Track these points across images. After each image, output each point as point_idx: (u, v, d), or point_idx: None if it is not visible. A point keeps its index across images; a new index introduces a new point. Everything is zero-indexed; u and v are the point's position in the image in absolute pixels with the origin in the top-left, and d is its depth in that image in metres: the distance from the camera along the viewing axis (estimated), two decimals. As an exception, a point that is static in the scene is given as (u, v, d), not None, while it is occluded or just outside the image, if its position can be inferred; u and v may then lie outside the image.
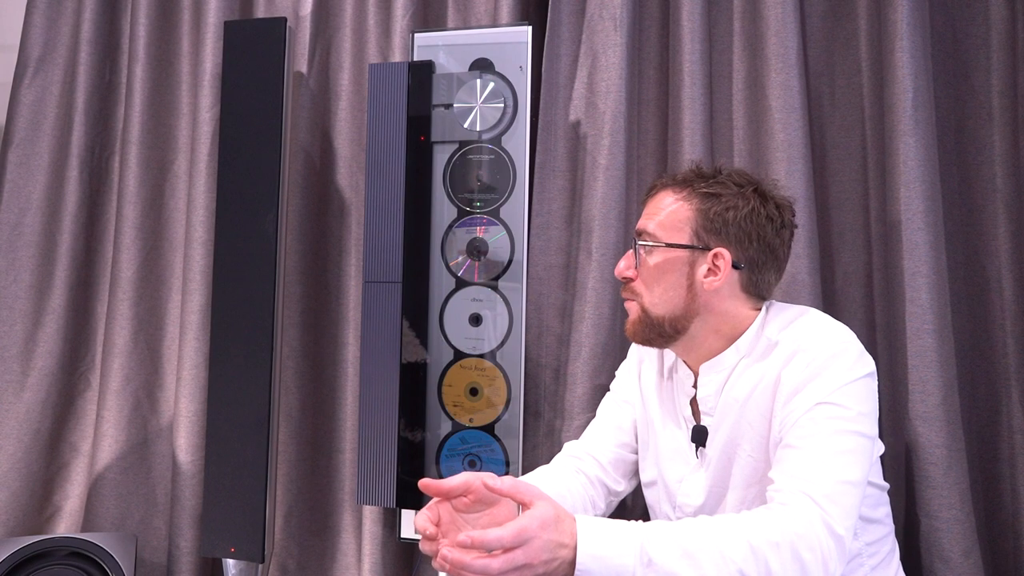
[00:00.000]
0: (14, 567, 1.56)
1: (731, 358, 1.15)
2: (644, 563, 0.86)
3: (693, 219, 1.15)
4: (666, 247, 1.15)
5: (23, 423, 1.93)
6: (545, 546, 0.85)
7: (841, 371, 1.05)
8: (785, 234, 1.18)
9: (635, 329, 1.19)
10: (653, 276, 1.16)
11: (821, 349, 1.06)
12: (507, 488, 0.90)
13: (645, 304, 1.16)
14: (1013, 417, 1.51)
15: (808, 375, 1.05)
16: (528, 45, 1.63)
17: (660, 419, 1.25)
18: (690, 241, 1.15)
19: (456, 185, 1.67)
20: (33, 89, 2.02)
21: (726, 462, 1.14)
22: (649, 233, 1.17)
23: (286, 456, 1.88)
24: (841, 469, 0.98)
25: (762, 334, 1.14)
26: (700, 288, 1.14)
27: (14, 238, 1.98)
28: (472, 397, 1.63)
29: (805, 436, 1.01)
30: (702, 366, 1.18)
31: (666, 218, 1.16)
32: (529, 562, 0.84)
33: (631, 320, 1.20)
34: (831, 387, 1.03)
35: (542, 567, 0.85)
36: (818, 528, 0.92)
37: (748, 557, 0.88)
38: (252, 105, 1.73)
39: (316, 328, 1.93)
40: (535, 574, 0.85)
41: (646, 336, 1.18)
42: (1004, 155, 1.55)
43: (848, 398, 1.03)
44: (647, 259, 1.16)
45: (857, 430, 1.02)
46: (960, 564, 1.36)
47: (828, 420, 1.02)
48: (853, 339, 1.10)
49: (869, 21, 1.62)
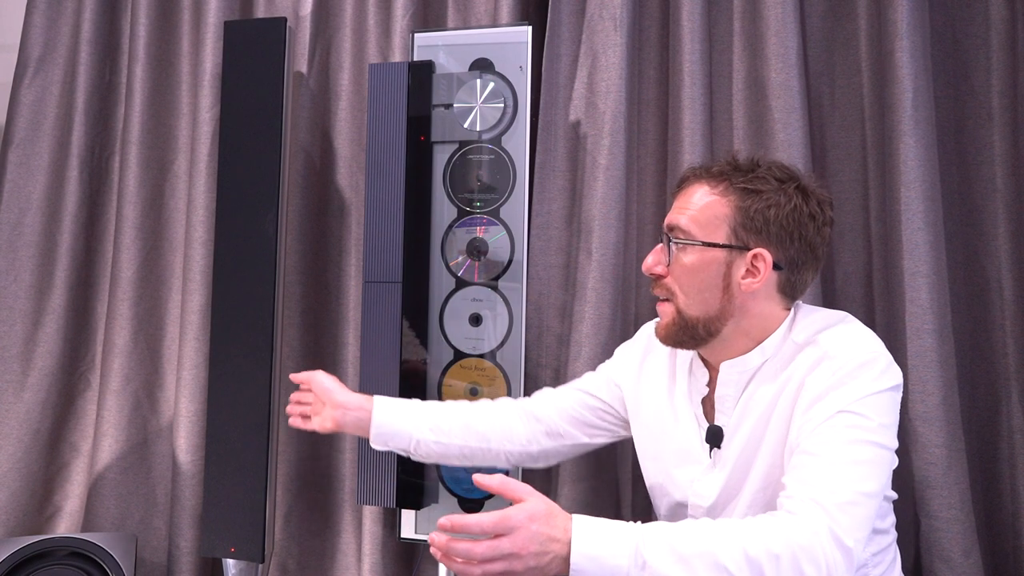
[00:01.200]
0: (14, 567, 1.56)
1: (755, 360, 1.12)
2: (639, 565, 0.85)
3: (731, 216, 1.09)
4: (703, 246, 1.09)
5: (23, 423, 1.93)
6: (534, 537, 0.84)
7: (867, 381, 1.02)
8: (826, 232, 1.13)
9: (668, 332, 1.14)
10: (687, 275, 1.10)
11: (849, 358, 1.03)
12: (496, 485, 0.90)
13: (680, 305, 1.11)
14: (1013, 417, 1.51)
15: (833, 383, 1.02)
16: (528, 45, 1.63)
17: (672, 415, 1.21)
18: (727, 240, 1.08)
19: (456, 185, 1.67)
20: (33, 89, 2.02)
21: (744, 464, 1.11)
22: (682, 229, 1.10)
23: (286, 456, 1.88)
24: (856, 479, 0.95)
25: (789, 337, 1.11)
26: (737, 290, 1.09)
27: (14, 238, 1.98)
28: (472, 397, 1.63)
29: (822, 443, 0.98)
30: (723, 364, 1.14)
31: (700, 214, 1.10)
32: (517, 552, 0.84)
33: (664, 323, 1.14)
34: (854, 396, 1.00)
35: (533, 559, 0.84)
36: (824, 540, 0.89)
37: (743, 568, 0.86)
38: (252, 105, 1.73)
39: (316, 328, 1.93)
40: (527, 566, 0.84)
41: (679, 339, 1.13)
42: (1004, 155, 1.55)
43: (870, 409, 1.00)
44: (681, 257, 1.10)
45: (876, 441, 0.99)
46: (960, 564, 1.36)
47: (847, 429, 0.99)
48: (882, 348, 1.06)
49: (869, 21, 1.62)
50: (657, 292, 1.15)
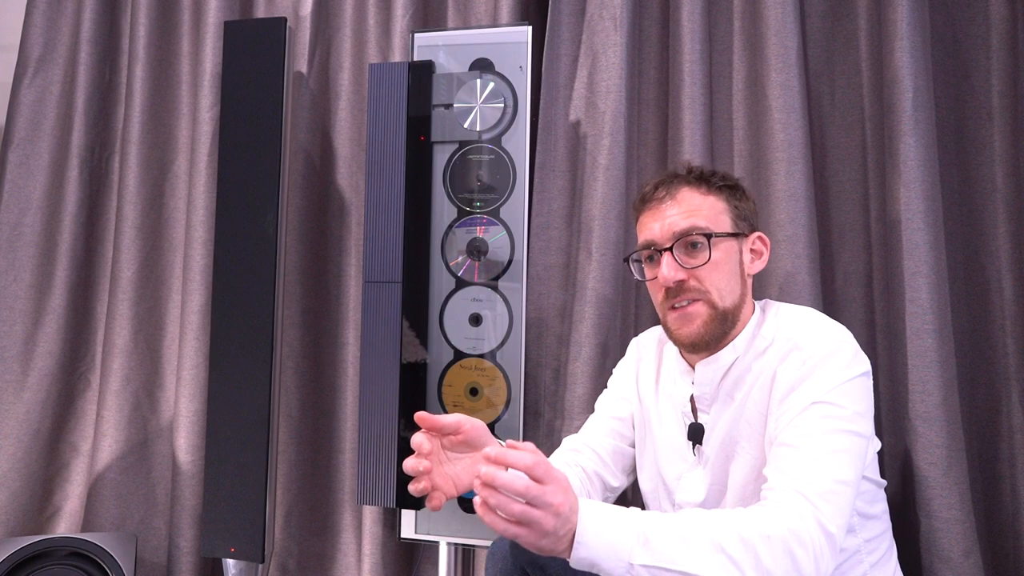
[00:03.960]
0: (14, 567, 1.56)
1: (728, 357, 1.15)
2: (641, 542, 0.85)
3: (728, 210, 1.17)
4: (727, 236, 1.15)
5: (23, 423, 1.93)
6: (563, 504, 0.80)
7: (836, 370, 1.05)
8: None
9: (706, 331, 1.14)
10: (716, 269, 1.13)
11: (817, 347, 1.07)
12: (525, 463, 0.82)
13: (714, 299, 1.13)
14: (1013, 417, 1.51)
15: (803, 373, 1.06)
16: (528, 45, 1.63)
17: (658, 417, 1.25)
18: (735, 229, 1.16)
19: (456, 185, 1.67)
20: (33, 89, 2.02)
21: (724, 460, 1.14)
22: (701, 228, 1.14)
23: (286, 456, 1.88)
24: (835, 468, 0.98)
25: (758, 332, 1.15)
26: (746, 274, 1.18)
27: (14, 238, 1.98)
28: (472, 397, 1.63)
29: (800, 435, 1.02)
30: (698, 363, 1.18)
31: (708, 211, 1.15)
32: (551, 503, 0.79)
33: (700, 323, 1.13)
34: (826, 386, 1.04)
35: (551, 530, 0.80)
36: (811, 525, 0.92)
37: (739, 548, 0.88)
38: (252, 105, 1.73)
39: (316, 328, 1.93)
40: (544, 532, 0.80)
41: (715, 335, 1.14)
42: (1004, 155, 1.55)
43: (843, 397, 1.03)
44: (712, 253, 1.13)
45: (852, 429, 1.02)
46: (960, 564, 1.36)
47: (823, 419, 1.02)
48: (849, 338, 1.10)
49: (869, 21, 1.62)
50: (683, 298, 1.14)
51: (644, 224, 1.19)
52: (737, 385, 1.14)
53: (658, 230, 1.16)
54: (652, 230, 1.16)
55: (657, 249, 1.15)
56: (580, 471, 1.27)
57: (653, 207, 1.18)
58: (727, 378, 1.16)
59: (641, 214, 1.20)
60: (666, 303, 1.16)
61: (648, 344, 1.34)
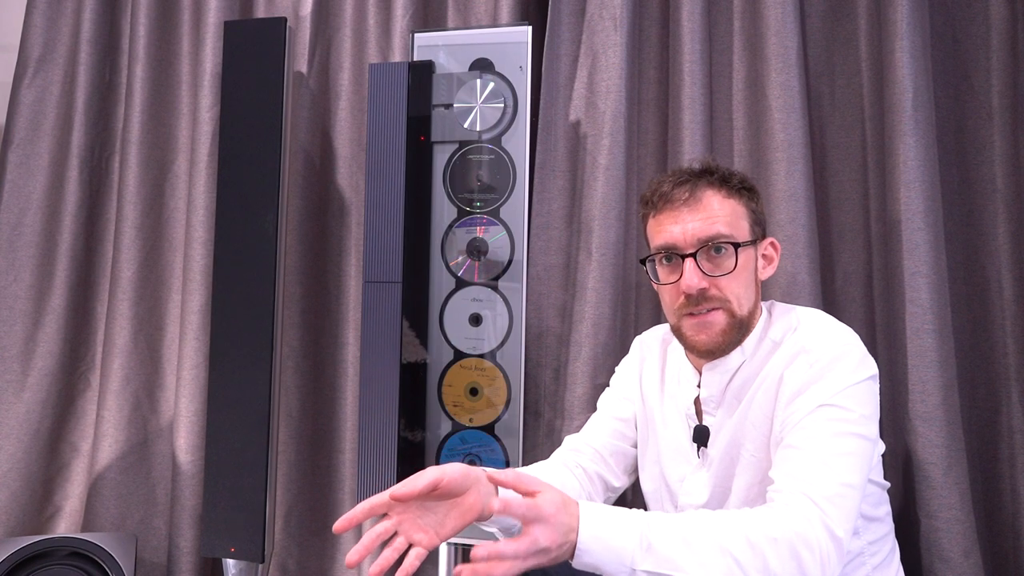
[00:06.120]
0: (14, 567, 1.56)
1: (736, 359, 1.14)
2: (644, 547, 0.85)
3: (747, 214, 1.15)
4: (750, 245, 1.13)
5: (23, 423, 1.93)
6: (559, 528, 0.84)
7: (844, 373, 1.04)
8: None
9: (723, 338, 1.12)
10: (737, 277, 1.11)
11: (824, 351, 1.06)
12: (510, 479, 0.89)
13: (734, 307, 1.11)
14: (1013, 417, 1.51)
15: (811, 376, 1.05)
16: (528, 45, 1.63)
17: (662, 418, 1.25)
18: (753, 235, 1.15)
19: (456, 185, 1.67)
20: (33, 89, 2.02)
21: (729, 462, 1.14)
22: (725, 236, 1.10)
23: (286, 456, 1.88)
24: (842, 471, 0.98)
25: (766, 335, 1.14)
26: (759, 279, 1.17)
27: (14, 238, 1.98)
28: (472, 397, 1.63)
29: (807, 438, 1.01)
30: (705, 366, 1.17)
31: (730, 217, 1.12)
32: (548, 546, 0.83)
33: (718, 331, 1.11)
34: (834, 389, 1.03)
35: (556, 550, 0.84)
36: (818, 529, 0.92)
37: (746, 551, 0.87)
38: (252, 105, 1.73)
39: (316, 328, 1.93)
40: (551, 557, 0.84)
41: (732, 342, 1.13)
42: (1004, 155, 1.55)
43: (850, 400, 1.03)
44: (737, 260, 1.11)
45: (858, 432, 1.02)
46: (960, 564, 1.36)
47: (830, 422, 1.01)
48: (856, 341, 1.10)
49: (869, 21, 1.62)
50: (703, 306, 1.11)
51: (662, 224, 1.13)
52: (743, 388, 1.13)
53: (679, 234, 1.11)
54: (672, 233, 1.12)
55: (678, 254, 1.11)
56: (581, 471, 1.26)
57: (673, 208, 1.12)
58: (734, 381, 1.15)
59: (658, 213, 1.14)
60: (683, 309, 1.12)
61: (652, 343, 1.33)
